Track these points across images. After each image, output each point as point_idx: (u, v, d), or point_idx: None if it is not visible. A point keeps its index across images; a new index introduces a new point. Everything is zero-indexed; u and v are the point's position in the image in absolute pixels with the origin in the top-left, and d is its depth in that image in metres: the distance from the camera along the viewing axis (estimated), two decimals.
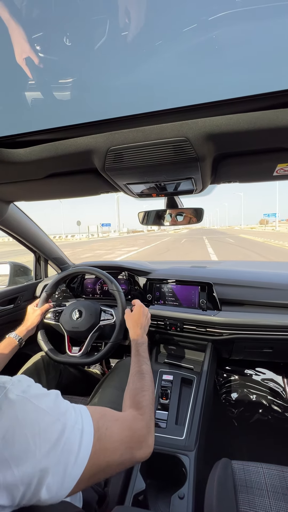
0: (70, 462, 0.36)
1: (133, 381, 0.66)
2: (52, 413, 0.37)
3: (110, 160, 0.57)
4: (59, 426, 0.37)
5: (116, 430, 0.45)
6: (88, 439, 0.39)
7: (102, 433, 0.42)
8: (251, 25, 0.40)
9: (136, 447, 0.47)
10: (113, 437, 0.43)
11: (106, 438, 0.42)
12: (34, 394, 0.38)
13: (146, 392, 0.62)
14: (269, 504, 0.65)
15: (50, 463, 0.34)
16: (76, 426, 0.39)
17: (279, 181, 0.75)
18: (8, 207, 1.05)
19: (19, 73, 0.47)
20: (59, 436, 0.36)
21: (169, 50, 0.42)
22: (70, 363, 1.13)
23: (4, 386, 0.36)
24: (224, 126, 0.47)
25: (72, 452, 0.36)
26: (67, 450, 0.36)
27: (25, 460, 0.33)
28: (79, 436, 0.38)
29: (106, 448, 0.41)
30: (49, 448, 0.34)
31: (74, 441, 0.37)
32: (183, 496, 0.83)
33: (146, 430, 0.51)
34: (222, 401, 1.56)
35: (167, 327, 1.24)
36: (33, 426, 0.35)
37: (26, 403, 0.36)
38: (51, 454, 0.34)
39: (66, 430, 0.37)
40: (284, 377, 1.64)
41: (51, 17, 0.43)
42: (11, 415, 0.34)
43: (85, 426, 0.40)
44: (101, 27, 0.42)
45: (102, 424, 0.43)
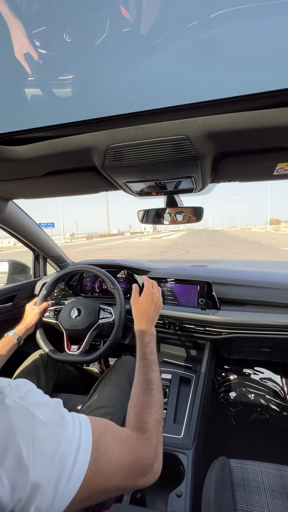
0: (62, 480, 0.32)
1: (138, 394, 0.56)
2: (50, 424, 0.34)
3: (110, 158, 0.57)
4: (55, 439, 0.34)
5: (117, 453, 0.40)
6: (84, 457, 0.35)
7: (101, 454, 0.37)
8: (252, 23, 0.39)
9: (139, 474, 0.41)
10: (112, 460, 0.38)
11: (104, 460, 0.37)
12: (33, 402, 0.35)
13: (154, 410, 0.52)
14: (266, 503, 0.65)
15: (42, 479, 0.31)
16: (73, 441, 0.35)
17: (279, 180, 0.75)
18: (6, 204, 1.04)
19: (18, 70, 0.46)
20: (54, 450, 0.33)
21: (169, 48, 0.42)
22: (69, 362, 1.13)
23: (1, 391, 0.34)
24: (225, 124, 0.47)
25: (66, 469, 0.33)
26: (60, 466, 0.33)
27: (16, 471, 0.30)
28: (75, 452, 0.35)
29: (103, 471, 0.37)
30: (43, 462, 0.32)
31: (69, 457, 0.34)
32: (181, 494, 0.83)
33: (152, 457, 0.44)
34: (220, 400, 1.57)
35: (166, 326, 1.25)
36: (27, 436, 0.32)
37: (23, 411, 0.34)
38: (44, 469, 0.32)
39: (62, 445, 0.34)
40: (283, 377, 1.64)
41: (51, 12, 0.43)
42: (6, 423, 0.32)
43: (82, 442, 0.36)
44: (101, 24, 0.42)
45: (102, 443, 0.38)
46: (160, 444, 0.48)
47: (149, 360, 0.64)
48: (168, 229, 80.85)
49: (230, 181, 0.78)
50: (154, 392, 0.56)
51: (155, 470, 0.44)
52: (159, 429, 0.50)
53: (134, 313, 0.78)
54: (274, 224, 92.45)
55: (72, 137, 0.54)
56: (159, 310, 0.81)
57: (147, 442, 0.46)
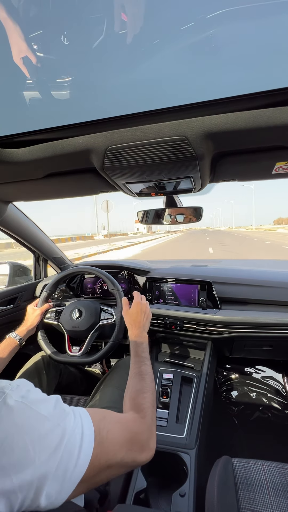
0: (70, 467, 0.35)
1: (132, 383, 0.64)
2: (52, 419, 0.37)
3: (109, 159, 0.57)
4: (59, 431, 0.36)
5: (117, 433, 0.44)
6: (88, 443, 0.38)
7: (103, 436, 0.41)
8: (249, 23, 0.40)
9: (138, 450, 0.46)
10: (114, 440, 0.43)
11: (107, 441, 0.41)
12: (34, 400, 0.37)
13: (147, 394, 0.60)
14: (269, 501, 0.65)
15: (50, 470, 0.33)
16: (76, 430, 0.38)
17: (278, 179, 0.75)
18: (6, 207, 1.04)
19: (16, 73, 0.47)
20: (59, 442, 0.35)
21: (167, 49, 0.42)
22: (70, 363, 1.13)
23: (3, 391, 0.35)
24: (223, 124, 0.47)
25: (72, 457, 0.36)
26: (67, 455, 0.35)
27: (24, 467, 0.32)
28: (79, 440, 0.37)
29: (107, 451, 0.41)
30: (49, 454, 0.34)
31: (74, 446, 0.36)
32: (184, 494, 0.83)
33: (148, 434, 0.50)
34: (222, 399, 1.57)
35: (167, 326, 1.25)
36: (32, 433, 0.34)
37: (25, 409, 0.35)
38: (51, 461, 0.34)
39: (66, 435, 0.36)
40: (284, 375, 1.64)
41: (49, 16, 0.43)
42: (10, 422, 0.33)
43: (85, 430, 0.39)
44: (98, 26, 0.42)
45: (103, 427, 0.42)
46: (154, 424, 0.54)
47: (141, 357, 0.72)
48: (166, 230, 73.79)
49: (229, 181, 0.78)
50: (147, 380, 0.64)
51: (151, 447, 0.50)
52: (153, 411, 0.57)
53: (127, 323, 0.88)
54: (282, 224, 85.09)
55: (71, 139, 0.54)
56: (149, 318, 0.90)
57: (143, 420, 0.52)
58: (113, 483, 0.79)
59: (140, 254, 12.29)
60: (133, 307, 0.90)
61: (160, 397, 1.12)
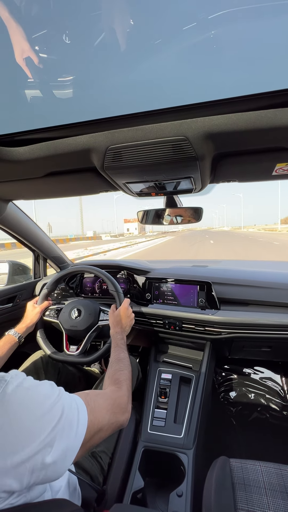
0: (71, 435, 0.42)
1: (112, 366, 0.75)
2: (51, 397, 0.42)
3: (109, 159, 0.57)
4: (59, 407, 0.42)
5: (101, 400, 0.54)
6: (83, 413, 0.46)
7: (92, 406, 0.49)
8: (251, 24, 0.40)
9: (119, 412, 0.56)
10: (100, 406, 0.52)
11: (95, 409, 0.50)
12: (32, 384, 0.42)
13: (124, 371, 0.71)
14: (266, 502, 0.65)
15: (54, 438, 0.39)
16: (72, 405, 0.45)
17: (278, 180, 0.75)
18: (6, 205, 1.04)
19: (18, 71, 0.47)
20: (60, 415, 0.41)
21: (168, 49, 0.42)
22: (67, 362, 1.13)
23: (4, 379, 0.40)
24: (223, 125, 0.47)
25: (73, 426, 0.42)
26: (68, 426, 0.41)
27: (31, 441, 0.37)
28: (76, 412, 0.44)
29: (97, 416, 0.49)
30: (53, 427, 0.39)
31: (73, 417, 0.43)
32: (182, 494, 0.83)
33: (126, 399, 0.61)
34: (220, 400, 1.57)
35: (166, 326, 1.25)
36: (37, 411, 0.39)
37: (27, 391, 0.40)
38: (54, 432, 0.39)
39: (65, 410, 0.42)
40: (283, 376, 1.64)
41: (50, 15, 0.43)
42: (16, 402, 0.38)
43: (78, 404, 0.46)
44: (100, 25, 0.42)
45: (90, 399, 0.50)
46: (129, 392, 0.66)
47: (120, 347, 0.86)
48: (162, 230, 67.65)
49: (229, 181, 0.78)
50: (124, 362, 0.77)
51: (128, 410, 0.61)
52: (129, 383, 0.68)
53: (110, 322, 1.01)
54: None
55: (72, 138, 0.54)
56: (131, 324, 1.04)
57: (120, 389, 0.64)
58: (111, 483, 0.79)
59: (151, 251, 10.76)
60: (120, 310, 1.03)
61: (159, 397, 1.12)
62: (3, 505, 0.37)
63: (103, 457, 0.82)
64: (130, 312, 1.05)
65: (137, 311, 1.29)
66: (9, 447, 0.35)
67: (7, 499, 0.37)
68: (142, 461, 0.92)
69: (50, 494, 0.52)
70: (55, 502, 0.46)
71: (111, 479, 0.80)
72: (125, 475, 0.85)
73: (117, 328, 0.96)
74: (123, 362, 0.77)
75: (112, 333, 0.95)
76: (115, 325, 0.98)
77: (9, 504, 0.38)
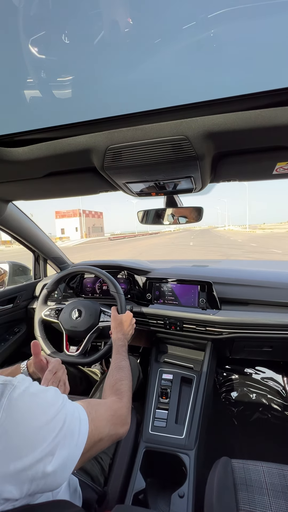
0: (72, 444, 0.42)
1: (112, 374, 0.73)
2: (55, 405, 0.42)
3: (109, 158, 0.57)
4: (62, 415, 0.42)
5: (102, 411, 0.54)
6: (85, 422, 0.46)
7: (93, 415, 0.49)
8: (250, 23, 0.40)
9: (119, 423, 0.56)
10: (101, 416, 0.52)
11: (96, 418, 0.50)
12: (37, 390, 0.42)
13: (125, 381, 0.69)
14: (268, 503, 0.65)
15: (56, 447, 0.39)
16: (75, 414, 0.45)
17: (279, 179, 0.75)
18: (6, 206, 1.04)
19: (18, 72, 0.47)
20: (63, 423, 0.41)
21: (168, 48, 0.42)
22: (67, 362, 1.13)
23: (12, 383, 0.40)
24: (223, 124, 0.47)
25: (74, 436, 0.42)
26: (69, 435, 0.41)
27: (34, 448, 0.37)
28: (78, 421, 0.44)
29: (98, 426, 0.49)
30: (55, 435, 0.39)
31: (75, 426, 0.43)
32: (183, 495, 0.83)
33: (126, 410, 0.60)
34: (222, 400, 1.56)
35: (167, 326, 1.25)
36: (41, 417, 0.39)
37: (33, 397, 0.41)
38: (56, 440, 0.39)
39: (67, 418, 0.42)
40: (284, 376, 1.64)
41: (50, 15, 0.43)
42: (22, 408, 0.38)
43: (80, 413, 0.46)
44: (100, 25, 0.42)
45: (91, 409, 0.50)
46: (130, 404, 0.64)
47: (121, 355, 0.83)
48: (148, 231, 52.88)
49: (230, 181, 0.78)
50: (125, 372, 0.74)
51: (128, 422, 0.59)
52: (129, 395, 0.67)
53: (112, 327, 0.98)
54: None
55: (72, 138, 0.54)
56: (132, 332, 1.02)
57: (120, 400, 0.62)
58: (112, 484, 0.79)
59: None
60: (126, 317, 1.02)
61: (160, 397, 1.12)
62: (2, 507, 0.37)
63: (104, 458, 0.82)
64: (133, 321, 1.05)
65: (137, 312, 1.29)
66: (12, 453, 0.35)
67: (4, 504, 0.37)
68: (144, 462, 0.92)
69: (50, 494, 0.52)
70: (56, 504, 0.46)
71: (112, 480, 0.79)
72: (126, 476, 0.84)
73: (119, 333, 0.95)
74: (124, 372, 0.75)
75: (114, 338, 0.93)
76: (117, 331, 0.96)
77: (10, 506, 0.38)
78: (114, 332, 0.96)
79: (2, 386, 0.39)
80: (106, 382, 0.70)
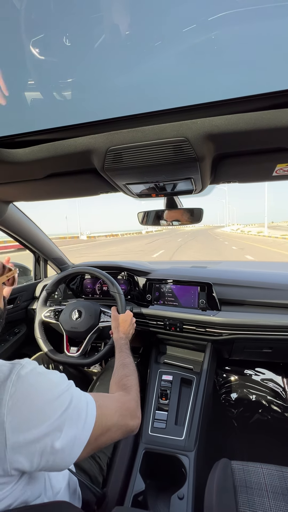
0: (79, 425, 0.43)
1: (117, 372, 0.74)
2: (62, 385, 0.45)
3: (110, 160, 0.57)
4: (68, 395, 0.44)
5: (109, 402, 0.55)
6: (92, 405, 0.47)
7: (100, 403, 0.50)
8: (251, 25, 0.40)
9: (128, 415, 0.56)
10: (108, 406, 0.53)
11: (104, 406, 0.51)
12: (45, 371, 0.45)
13: (131, 377, 0.70)
14: (268, 504, 0.65)
15: (63, 424, 0.41)
16: (82, 397, 0.47)
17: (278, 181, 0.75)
18: (7, 207, 1.05)
19: (18, 73, 0.47)
20: (69, 403, 0.43)
21: (168, 50, 0.42)
22: (67, 363, 1.13)
23: (20, 363, 0.43)
24: (223, 126, 0.47)
25: (81, 417, 0.44)
26: (76, 415, 0.43)
27: (41, 422, 0.39)
28: (85, 404, 0.46)
29: (105, 413, 0.50)
30: (62, 412, 0.42)
31: (81, 409, 0.45)
32: (183, 497, 0.83)
33: (135, 403, 0.61)
34: (221, 401, 1.56)
35: (167, 327, 1.24)
36: (47, 394, 0.42)
37: (40, 375, 0.43)
38: (63, 417, 0.41)
39: (74, 399, 0.44)
40: (284, 377, 1.64)
41: (51, 18, 0.43)
42: (29, 384, 0.40)
43: (88, 399, 0.48)
44: (100, 27, 0.42)
45: (97, 398, 0.51)
46: (138, 398, 0.64)
47: (125, 352, 0.85)
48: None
49: (230, 182, 0.78)
50: (130, 368, 0.76)
51: (138, 415, 0.59)
52: (137, 388, 0.67)
53: (113, 327, 0.99)
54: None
55: (72, 140, 0.54)
56: (133, 331, 1.02)
57: (128, 394, 0.63)
58: (111, 485, 0.79)
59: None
60: (126, 316, 1.03)
61: (159, 398, 1.11)
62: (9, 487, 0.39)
63: (102, 457, 0.82)
64: (133, 320, 1.06)
65: (137, 313, 1.29)
66: (22, 423, 0.38)
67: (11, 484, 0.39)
68: (143, 464, 0.92)
69: (51, 494, 0.52)
70: (56, 505, 0.46)
71: (111, 482, 0.79)
72: (126, 477, 0.84)
73: (121, 333, 0.96)
74: (129, 368, 0.76)
75: (116, 338, 0.95)
76: (118, 330, 0.97)
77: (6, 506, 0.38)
78: (115, 332, 0.97)
79: (11, 365, 0.42)
80: (112, 380, 0.71)
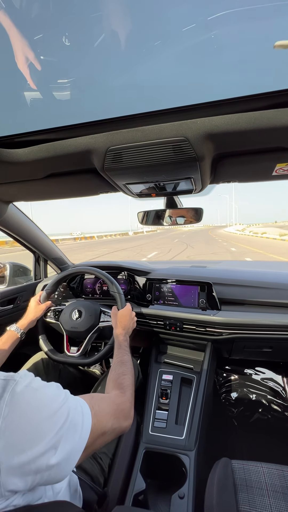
0: (76, 437, 0.42)
1: (115, 368, 0.74)
2: (58, 399, 0.43)
3: (109, 160, 0.57)
4: (65, 409, 0.42)
5: (105, 405, 0.55)
6: (88, 416, 0.46)
7: (96, 410, 0.49)
8: (250, 25, 0.40)
9: (122, 417, 0.56)
10: (104, 411, 0.52)
11: (99, 412, 0.50)
12: (40, 385, 0.43)
13: (127, 376, 0.70)
14: (269, 504, 0.65)
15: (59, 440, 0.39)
16: (78, 408, 0.45)
17: (278, 180, 0.75)
18: (7, 207, 1.05)
19: (18, 74, 0.47)
20: (66, 418, 0.41)
21: (168, 50, 0.42)
22: (68, 363, 1.13)
23: (14, 379, 0.41)
24: (223, 125, 0.47)
25: (77, 428, 0.43)
26: (72, 429, 0.42)
27: (37, 442, 0.37)
28: (81, 415, 0.45)
29: (101, 420, 0.50)
30: (58, 428, 0.40)
31: (78, 420, 0.44)
32: (183, 496, 0.83)
33: (129, 404, 0.61)
34: (222, 401, 1.56)
35: (167, 327, 1.25)
36: (44, 411, 0.40)
37: (35, 392, 0.41)
38: (60, 434, 0.40)
39: (71, 413, 0.43)
40: (284, 377, 1.64)
41: (50, 17, 0.43)
42: (24, 402, 0.39)
43: (83, 407, 0.47)
44: (100, 27, 0.42)
45: (94, 403, 0.50)
46: (133, 398, 0.65)
47: (123, 349, 0.85)
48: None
49: (230, 182, 0.78)
50: (127, 366, 0.75)
51: (131, 415, 0.60)
52: (132, 388, 0.67)
53: (113, 323, 1.00)
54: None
55: (72, 140, 0.54)
56: (133, 326, 1.03)
57: (123, 394, 0.63)
58: (112, 485, 0.79)
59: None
60: (124, 310, 1.03)
61: (160, 398, 1.12)
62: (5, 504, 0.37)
63: (103, 458, 0.82)
64: (133, 314, 1.05)
65: (137, 312, 1.29)
66: (16, 446, 0.36)
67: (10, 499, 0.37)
68: (144, 463, 0.92)
69: (51, 493, 0.52)
70: (57, 504, 0.46)
71: (112, 481, 0.79)
72: (126, 477, 0.84)
73: (120, 329, 0.96)
74: (126, 366, 0.76)
75: (116, 334, 0.95)
76: (118, 326, 0.97)
77: (11, 506, 0.38)
78: (115, 328, 0.97)
79: (4, 382, 0.40)
80: (109, 376, 0.71)
